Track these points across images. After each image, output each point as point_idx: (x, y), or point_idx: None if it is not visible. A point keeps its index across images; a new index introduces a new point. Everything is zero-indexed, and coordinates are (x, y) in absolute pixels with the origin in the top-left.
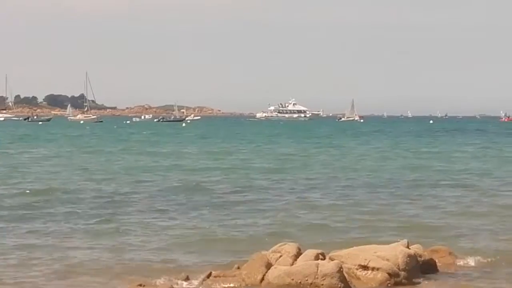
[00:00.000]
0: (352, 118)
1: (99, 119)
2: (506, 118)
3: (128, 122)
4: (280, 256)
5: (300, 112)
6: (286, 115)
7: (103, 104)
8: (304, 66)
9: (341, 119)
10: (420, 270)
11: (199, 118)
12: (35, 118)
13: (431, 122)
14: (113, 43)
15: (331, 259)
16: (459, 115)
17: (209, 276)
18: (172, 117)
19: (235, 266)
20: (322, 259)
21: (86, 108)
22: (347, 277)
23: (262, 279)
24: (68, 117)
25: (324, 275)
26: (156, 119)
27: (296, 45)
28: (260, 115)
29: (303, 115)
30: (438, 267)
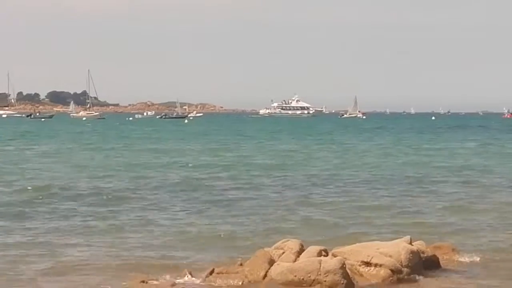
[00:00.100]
0: (355, 115)
1: (101, 116)
2: (509, 114)
3: (130, 119)
4: (283, 252)
5: (304, 108)
6: (290, 112)
7: (105, 101)
8: (304, 66)
9: (343, 115)
10: (423, 266)
11: (201, 114)
12: (37, 115)
13: (433, 118)
14: (113, 43)
15: (334, 255)
16: (462, 112)
17: (211, 272)
18: (174, 113)
19: (238, 262)
20: (325, 256)
21: (89, 105)
22: (350, 273)
23: (265, 275)
24: (71, 114)
25: (327, 272)
26: (159, 116)
27: (296, 45)
28: (264, 111)
29: (306, 112)
30: (441, 263)
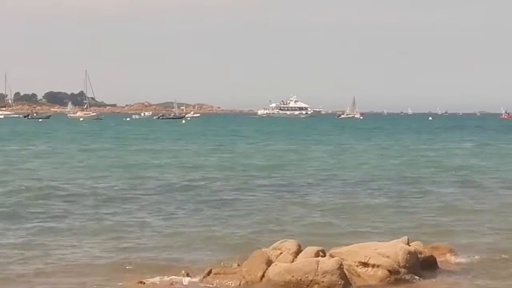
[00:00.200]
0: (352, 115)
1: (98, 116)
2: (506, 115)
3: (127, 119)
4: (281, 253)
5: (301, 109)
6: (288, 112)
7: (103, 102)
8: (304, 66)
9: (340, 116)
10: (420, 267)
11: (198, 115)
12: (35, 115)
13: (431, 119)
14: (113, 43)
15: (332, 256)
16: (459, 112)
17: (209, 273)
18: (171, 114)
19: (236, 263)
20: (322, 256)
21: (86, 105)
22: (347, 274)
23: (263, 276)
24: (68, 114)
25: (325, 272)
26: (156, 116)
27: (296, 45)
28: (262, 112)
29: (304, 112)
30: (439, 264)
